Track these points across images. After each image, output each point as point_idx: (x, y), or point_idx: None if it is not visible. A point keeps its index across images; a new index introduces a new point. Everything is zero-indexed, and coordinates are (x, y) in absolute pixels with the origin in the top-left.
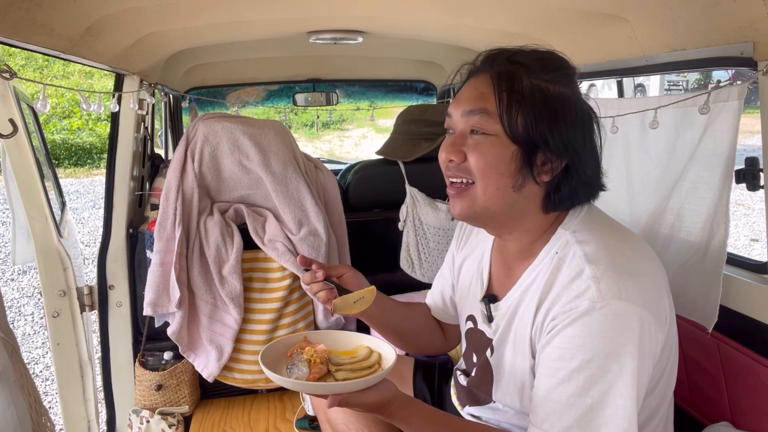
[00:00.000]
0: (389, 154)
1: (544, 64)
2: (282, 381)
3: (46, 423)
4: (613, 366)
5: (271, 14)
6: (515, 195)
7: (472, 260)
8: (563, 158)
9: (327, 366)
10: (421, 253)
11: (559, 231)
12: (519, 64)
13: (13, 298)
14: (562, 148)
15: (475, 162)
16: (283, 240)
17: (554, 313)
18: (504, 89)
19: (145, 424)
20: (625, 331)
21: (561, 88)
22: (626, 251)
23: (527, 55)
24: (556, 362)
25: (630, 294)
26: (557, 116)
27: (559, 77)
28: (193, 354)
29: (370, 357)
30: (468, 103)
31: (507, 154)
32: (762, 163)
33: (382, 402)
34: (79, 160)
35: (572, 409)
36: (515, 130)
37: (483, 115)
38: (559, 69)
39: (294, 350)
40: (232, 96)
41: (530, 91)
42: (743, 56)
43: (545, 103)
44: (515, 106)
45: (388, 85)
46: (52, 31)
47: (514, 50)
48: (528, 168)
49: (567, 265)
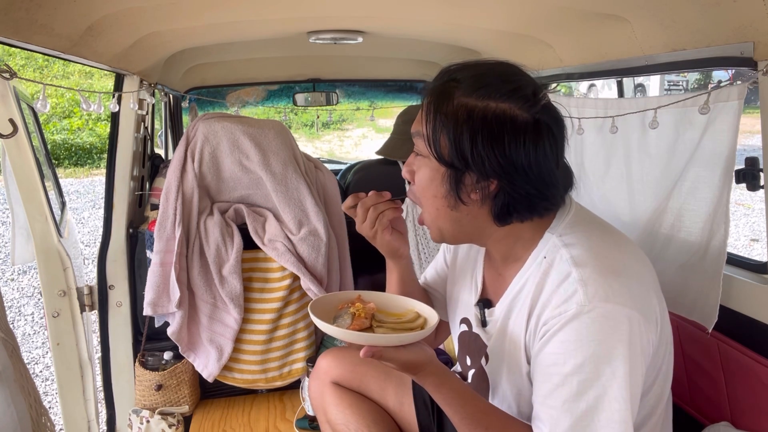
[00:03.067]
0: (389, 154)
1: (477, 80)
2: (323, 326)
3: (46, 423)
4: (606, 369)
5: (271, 14)
6: (456, 214)
7: (465, 265)
8: (491, 178)
9: (371, 321)
10: (421, 253)
11: (546, 235)
12: (454, 82)
13: (13, 298)
14: (486, 168)
15: (417, 183)
16: (283, 240)
17: (545, 318)
18: (431, 110)
19: (145, 424)
20: (615, 333)
21: (494, 104)
22: (613, 252)
23: (466, 71)
24: (549, 368)
25: (617, 295)
26: (477, 135)
27: (493, 92)
28: (193, 354)
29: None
30: (414, 125)
31: (437, 176)
32: (762, 163)
33: (416, 362)
34: (79, 160)
35: (567, 414)
36: (440, 151)
37: (418, 137)
38: (494, 84)
39: (344, 305)
40: (232, 96)
41: (455, 110)
42: (743, 56)
43: (468, 123)
44: (439, 127)
45: (388, 85)
46: (52, 31)
47: (458, 66)
48: (455, 189)
49: (555, 268)
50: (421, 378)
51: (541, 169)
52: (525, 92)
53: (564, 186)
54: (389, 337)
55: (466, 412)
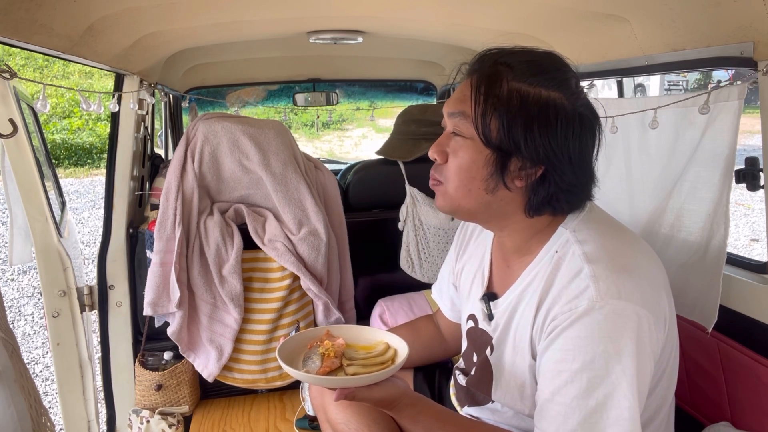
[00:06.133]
0: (389, 154)
1: (530, 66)
2: (293, 372)
3: (46, 423)
4: (616, 367)
5: (271, 14)
6: (489, 197)
7: (473, 262)
8: (539, 165)
9: (341, 360)
10: (421, 253)
11: (560, 230)
12: (504, 66)
13: (13, 298)
14: (537, 155)
15: (451, 164)
16: (283, 240)
17: (554, 313)
18: (482, 92)
19: (145, 424)
20: (626, 331)
21: (546, 92)
22: (626, 251)
23: (517, 56)
24: (558, 364)
25: (629, 293)
26: (533, 122)
27: (546, 80)
28: (193, 354)
29: (385, 353)
30: (452, 104)
31: (481, 158)
32: (762, 163)
33: (390, 398)
34: (79, 160)
35: (576, 411)
36: (488, 134)
37: (461, 118)
38: (547, 72)
39: (314, 343)
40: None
41: (508, 94)
42: (743, 56)
43: (522, 108)
44: (490, 110)
45: (388, 85)
46: (52, 31)
47: (506, 50)
48: (500, 173)
49: (566, 264)
50: (396, 412)
51: (584, 161)
52: (571, 84)
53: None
54: (360, 378)
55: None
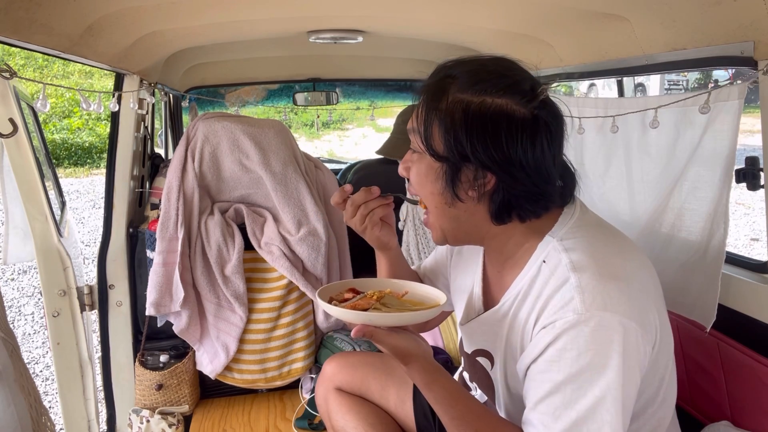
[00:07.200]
0: (389, 154)
1: (474, 75)
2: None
3: (46, 423)
4: (600, 380)
5: (271, 14)
6: (454, 211)
7: (467, 267)
8: (489, 174)
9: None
10: (421, 253)
11: (547, 238)
12: (449, 78)
13: (13, 297)
14: (484, 164)
15: (412, 179)
16: (279, 244)
17: (541, 323)
18: (424, 106)
19: (145, 423)
20: (612, 344)
21: (491, 99)
22: (615, 258)
23: (463, 66)
24: (543, 374)
25: (615, 304)
26: (475, 131)
27: (491, 87)
28: (202, 348)
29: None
30: (409, 121)
31: (431, 172)
32: (762, 163)
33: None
34: (79, 159)
35: (558, 421)
36: (433, 147)
37: (414, 134)
38: (491, 78)
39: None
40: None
41: (450, 106)
42: (743, 55)
43: (465, 118)
44: (433, 122)
45: (388, 84)
46: (52, 30)
47: (454, 62)
48: (450, 185)
49: (553, 273)
50: (411, 370)
51: (538, 166)
52: (522, 87)
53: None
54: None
55: (456, 412)
